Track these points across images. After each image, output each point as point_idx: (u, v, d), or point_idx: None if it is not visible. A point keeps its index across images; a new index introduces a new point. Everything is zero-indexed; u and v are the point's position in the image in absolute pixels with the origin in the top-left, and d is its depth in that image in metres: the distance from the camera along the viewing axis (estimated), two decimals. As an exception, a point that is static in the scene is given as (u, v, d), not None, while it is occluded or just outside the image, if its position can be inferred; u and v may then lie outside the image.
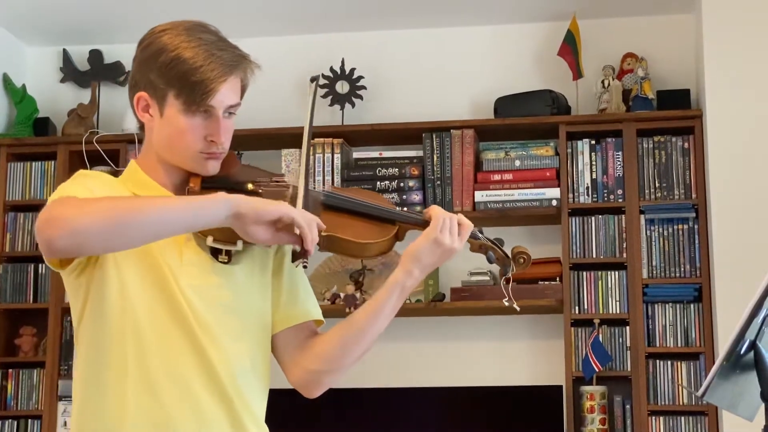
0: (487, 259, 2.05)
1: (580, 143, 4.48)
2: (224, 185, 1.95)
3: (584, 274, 4.38)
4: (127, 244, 1.80)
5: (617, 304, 4.34)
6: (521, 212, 4.47)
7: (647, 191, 4.39)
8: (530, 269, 2.12)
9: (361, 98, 4.77)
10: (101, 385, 1.87)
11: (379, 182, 4.56)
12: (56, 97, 5.04)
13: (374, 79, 4.82)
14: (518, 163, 4.51)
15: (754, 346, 2.28)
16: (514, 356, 4.58)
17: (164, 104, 1.91)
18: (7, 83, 4.94)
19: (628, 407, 4.29)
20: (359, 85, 4.77)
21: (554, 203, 4.44)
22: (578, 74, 4.54)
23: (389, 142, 4.70)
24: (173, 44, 1.90)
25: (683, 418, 4.22)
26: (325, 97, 4.76)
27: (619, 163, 4.43)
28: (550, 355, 4.50)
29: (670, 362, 4.27)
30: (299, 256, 1.87)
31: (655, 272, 4.34)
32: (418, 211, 3.01)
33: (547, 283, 4.38)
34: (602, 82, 4.58)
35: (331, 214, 1.97)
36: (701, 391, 2.27)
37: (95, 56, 5.00)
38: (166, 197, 1.89)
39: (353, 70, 4.77)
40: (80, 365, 1.91)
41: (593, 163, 4.46)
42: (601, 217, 4.41)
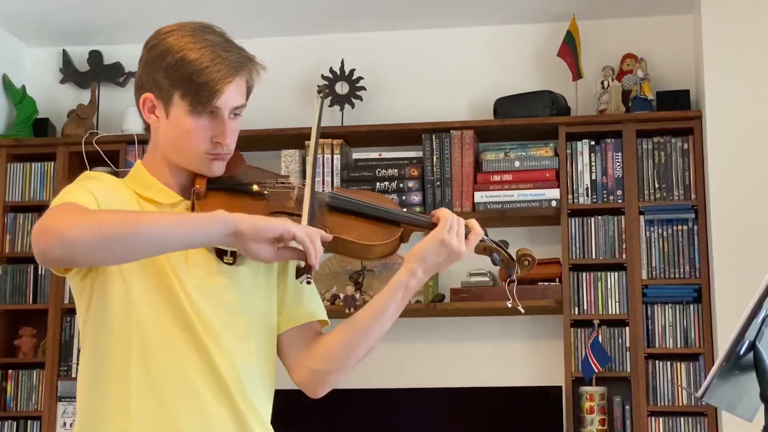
0: (491, 261, 2.04)
1: (579, 144, 4.48)
2: (230, 186, 1.96)
3: (584, 274, 4.38)
4: (120, 259, 1.80)
5: (617, 304, 4.34)
6: (521, 213, 4.47)
7: (647, 192, 4.39)
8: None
9: (360, 99, 4.77)
10: (105, 386, 1.87)
11: (378, 183, 4.56)
12: (56, 97, 5.04)
13: (374, 79, 4.82)
14: (518, 163, 4.51)
15: (753, 346, 2.28)
16: (513, 357, 4.58)
17: (170, 105, 1.91)
18: (6, 84, 4.94)
19: (627, 408, 4.29)
20: (359, 85, 4.77)
21: (554, 204, 4.44)
22: (578, 75, 4.54)
23: (389, 142, 4.70)
24: (179, 45, 1.90)
25: (683, 418, 4.22)
26: (324, 98, 4.76)
27: (618, 163, 4.43)
28: (549, 355, 4.50)
29: (669, 363, 4.27)
30: (303, 271, 1.84)
31: (654, 273, 4.34)
32: (424, 213, 3.01)
33: (546, 283, 4.39)
34: (602, 82, 4.58)
35: (335, 215, 1.97)
36: (701, 391, 2.27)
37: (95, 57, 5.00)
38: (164, 214, 1.84)
39: (353, 71, 4.77)
40: (84, 367, 1.91)
41: (593, 163, 4.46)
42: (600, 217, 4.41)
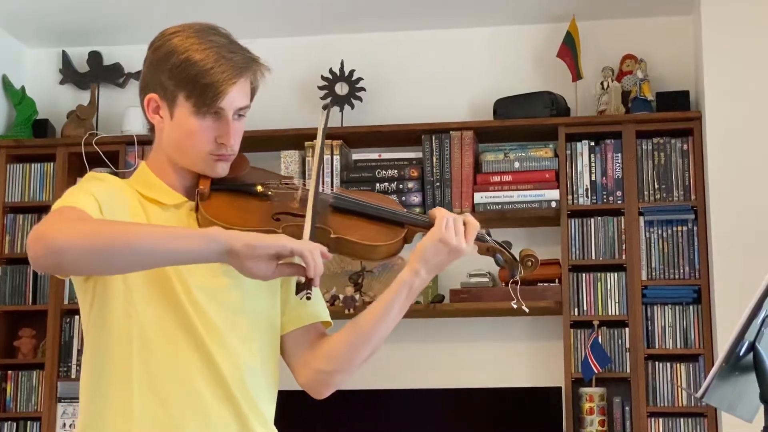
0: (495, 261, 2.04)
1: (579, 145, 4.48)
2: (233, 187, 1.96)
3: (583, 275, 4.38)
4: (109, 270, 1.80)
5: (616, 305, 4.34)
6: (520, 214, 4.46)
7: (646, 193, 4.39)
8: (530, 271, 2.12)
9: (360, 100, 4.76)
10: (107, 387, 1.87)
11: (378, 184, 4.56)
12: (55, 98, 5.03)
13: (373, 80, 4.81)
14: (517, 164, 4.51)
15: (753, 347, 2.28)
16: (513, 358, 4.58)
17: (174, 106, 1.92)
18: (6, 85, 4.94)
19: (627, 409, 4.29)
20: (358, 86, 4.77)
21: (553, 205, 4.43)
22: (577, 76, 4.54)
23: (388, 143, 4.70)
24: (184, 46, 1.90)
25: (682, 419, 4.22)
26: (324, 98, 4.75)
27: (618, 164, 4.43)
28: (549, 356, 4.50)
29: (669, 364, 4.27)
30: (303, 287, 1.80)
31: (654, 274, 4.34)
32: (421, 213, 3.01)
33: (546, 284, 4.38)
34: (601, 83, 4.58)
35: (339, 216, 1.97)
36: (700, 392, 2.27)
37: (94, 58, 4.99)
38: (157, 229, 1.80)
39: (352, 71, 4.77)
40: (87, 367, 1.92)
41: (592, 164, 4.46)
42: (600, 218, 4.41)
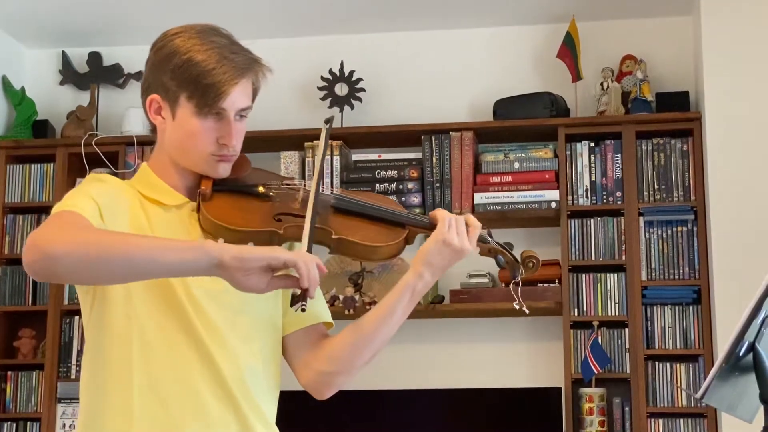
0: (496, 263, 2.04)
1: (579, 145, 4.48)
2: (235, 188, 1.97)
3: (583, 276, 4.38)
4: (102, 280, 1.80)
5: (616, 306, 4.34)
6: (520, 214, 4.46)
7: (646, 193, 4.39)
8: (530, 271, 2.12)
9: (360, 100, 4.76)
10: (107, 388, 1.87)
11: (378, 184, 4.56)
12: (55, 99, 5.03)
13: (373, 81, 4.81)
14: (517, 165, 4.51)
15: (753, 348, 2.28)
16: (513, 358, 4.58)
17: (176, 107, 1.92)
18: (6, 85, 4.94)
19: (627, 409, 4.29)
20: (358, 87, 4.77)
21: (553, 205, 4.43)
22: (577, 76, 4.54)
23: (388, 144, 4.70)
24: (186, 47, 1.90)
25: (682, 420, 4.22)
26: (324, 99, 4.76)
27: (618, 165, 4.43)
28: (549, 357, 4.50)
29: (669, 364, 4.27)
30: (299, 299, 1.75)
31: (654, 274, 4.34)
32: (422, 214, 3.00)
33: (546, 285, 4.38)
34: (601, 84, 4.58)
35: (340, 216, 1.98)
36: (700, 393, 2.27)
37: (94, 58, 5.00)
38: (149, 240, 1.78)
39: (352, 72, 4.77)
40: (87, 368, 1.92)
41: (592, 165, 4.46)
42: (600, 219, 4.41)
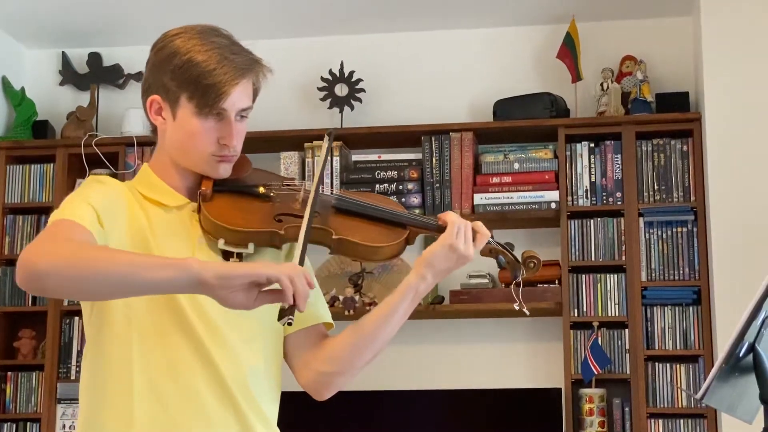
0: (497, 263, 2.05)
1: (579, 146, 4.47)
2: (236, 188, 1.97)
3: (583, 276, 4.38)
4: (90, 297, 1.82)
5: (616, 306, 4.34)
6: (520, 215, 4.46)
7: (646, 194, 4.39)
8: (530, 272, 2.12)
9: (360, 101, 4.76)
10: (107, 391, 1.87)
11: (378, 185, 4.56)
12: (55, 99, 5.03)
13: (373, 81, 4.81)
14: (517, 165, 4.51)
15: (753, 348, 2.28)
16: (513, 359, 4.58)
17: (177, 107, 1.92)
18: (6, 86, 4.94)
19: (627, 410, 4.29)
20: (358, 87, 4.77)
21: (553, 206, 4.43)
22: (577, 77, 4.54)
23: (388, 144, 4.70)
24: (186, 48, 1.91)
25: (682, 420, 4.22)
26: (324, 99, 4.76)
27: (618, 165, 4.43)
28: (549, 357, 4.50)
29: (669, 365, 4.27)
30: (287, 312, 1.71)
31: (654, 275, 4.34)
32: (424, 215, 3.00)
33: (546, 285, 4.38)
34: (601, 84, 4.58)
35: (341, 217, 1.99)
36: (700, 393, 2.27)
37: (94, 59, 4.99)
38: (132, 257, 1.75)
39: (352, 72, 4.77)
40: (87, 371, 1.92)
41: (592, 165, 4.46)
42: (600, 219, 4.41)
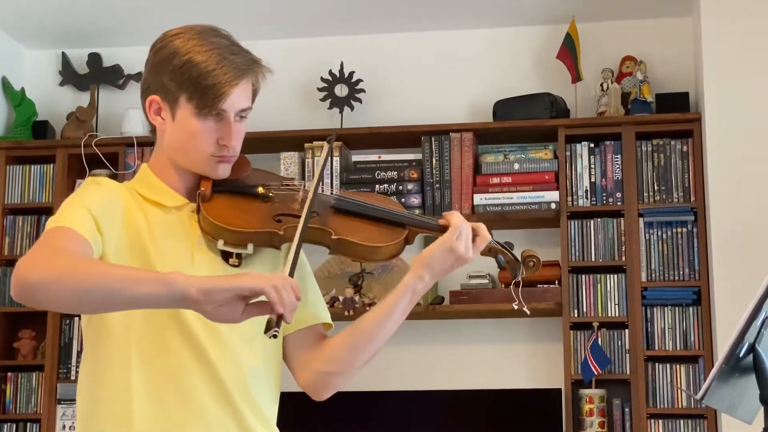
0: (497, 262, 2.05)
1: (579, 146, 4.47)
2: (235, 188, 1.97)
3: (583, 277, 4.38)
4: (80, 311, 1.83)
5: (616, 307, 4.34)
6: (520, 215, 4.46)
7: (646, 194, 4.39)
8: (530, 272, 2.12)
9: (360, 101, 4.76)
10: (105, 393, 1.88)
11: (378, 185, 4.56)
12: (55, 100, 5.03)
13: (373, 82, 4.81)
14: (517, 166, 4.51)
15: (753, 349, 2.28)
16: (513, 359, 4.58)
17: (176, 107, 1.92)
18: (6, 86, 4.94)
19: (627, 410, 4.29)
20: (358, 88, 4.77)
21: (553, 206, 4.43)
22: (577, 77, 4.54)
23: (388, 145, 4.70)
24: (185, 48, 1.91)
25: (682, 421, 4.22)
26: (323, 100, 4.76)
27: (618, 166, 4.43)
28: (549, 358, 4.50)
29: (669, 365, 4.27)
30: (274, 324, 1.67)
31: (654, 275, 4.33)
32: (424, 215, 3.00)
33: (546, 286, 4.38)
34: (601, 85, 4.58)
35: (341, 217, 1.99)
36: (700, 394, 2.27)
37: (94, 59, 4.99)
38: (119, 271, 1.74)
39: (352, 73, 4.77)
40: (85, 374, 1.92)
41: (592, 166, 4.46)
42: (600, 220, 4.41)
